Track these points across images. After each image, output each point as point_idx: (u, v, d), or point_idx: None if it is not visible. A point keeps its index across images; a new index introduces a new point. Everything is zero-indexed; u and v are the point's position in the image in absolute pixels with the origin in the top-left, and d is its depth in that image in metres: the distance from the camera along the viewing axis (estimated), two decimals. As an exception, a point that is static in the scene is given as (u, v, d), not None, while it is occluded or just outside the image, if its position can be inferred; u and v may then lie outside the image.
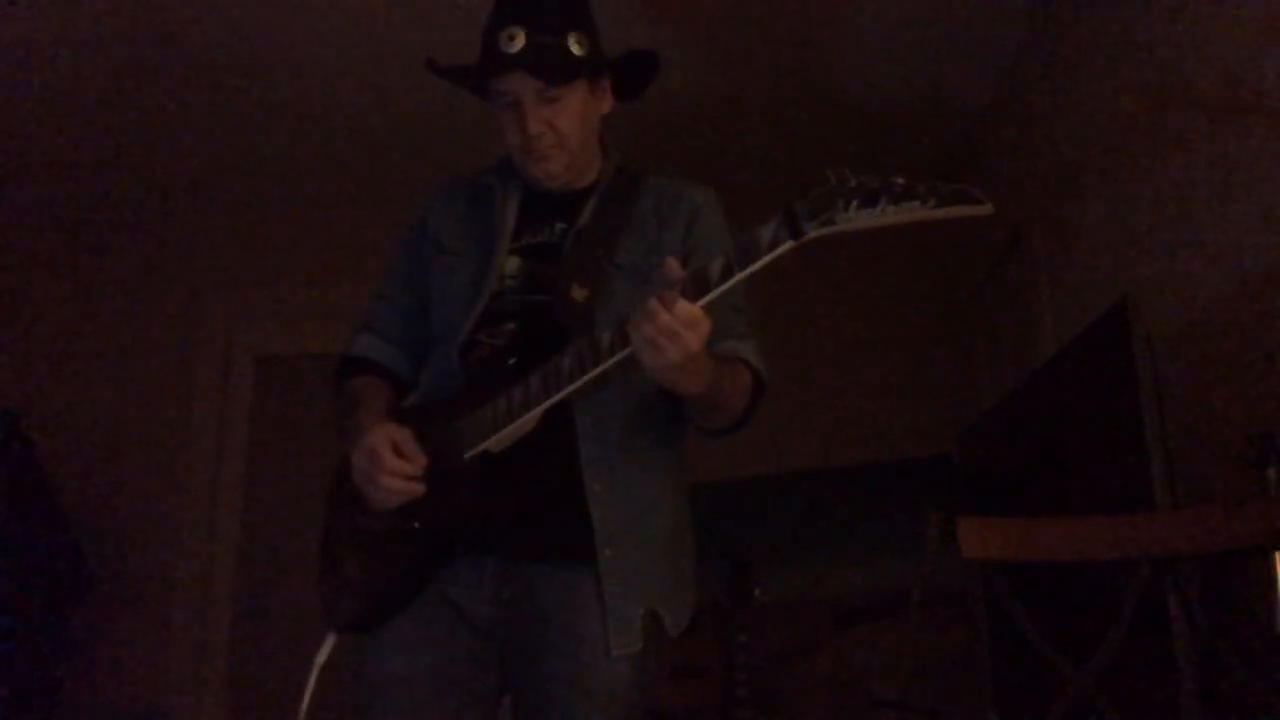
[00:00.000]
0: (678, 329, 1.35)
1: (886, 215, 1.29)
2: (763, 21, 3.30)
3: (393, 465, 1.53)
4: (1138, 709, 1.84)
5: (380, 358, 1.79)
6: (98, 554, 3.92)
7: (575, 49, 1.64)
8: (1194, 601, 1.83)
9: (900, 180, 1.29)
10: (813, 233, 1.31)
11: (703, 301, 1.37)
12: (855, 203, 1.29)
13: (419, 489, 1.55)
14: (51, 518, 3.72)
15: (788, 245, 1.33)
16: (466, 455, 1.54)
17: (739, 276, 1.36)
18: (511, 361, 1.57)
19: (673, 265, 1.38)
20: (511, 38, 1.60)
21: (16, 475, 3.64)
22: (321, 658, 1.68)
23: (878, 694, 3.09)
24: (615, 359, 1.44)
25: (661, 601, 1.61)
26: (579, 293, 1.60)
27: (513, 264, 1.69)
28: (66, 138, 3.89)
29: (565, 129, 1.65)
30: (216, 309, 4.47)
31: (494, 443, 1.55)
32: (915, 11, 3.24)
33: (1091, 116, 2.89)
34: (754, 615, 3.24)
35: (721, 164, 3.83)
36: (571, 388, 1.48)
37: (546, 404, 1.49)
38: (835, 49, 3.44)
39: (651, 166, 1.80)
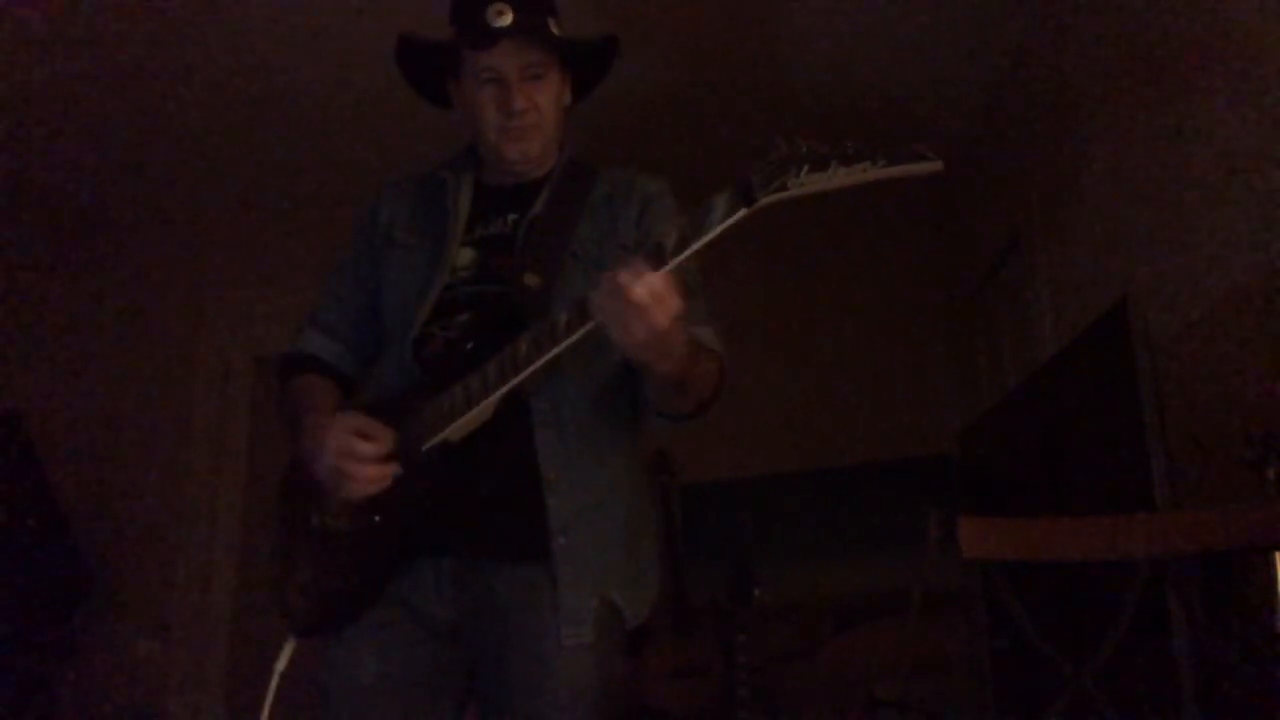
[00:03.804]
0: (645, 302, 1.33)
1: (838, 178, 1.28)
2: (752, 18, 3.30)
3: (364, 451, 1.52)
4: (1138, 709, 1.84)
5: (327, 355, 1.78)
6: (98, 554, 3.92)
7: (555, 30, 1.67)
8: (1194, 601, 1.83)
9: (850, 143, 1.29)
10: (765, 199, 1.30)
11: (660, 273, 1.36)
12: (806, 168, 1.29)
13: (395, 468, 1.53)
14: (51, 518, 3.72)
15: (741, 213, 1.32)
16: (425, 446, 1.53)
17: (694, 247, 1.35)
18: (469, 347, 1.56)
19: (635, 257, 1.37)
20: (500, 13, 1.62)
21: (16, 475, 3.63)
22: (281, 664, 1.67)
23: (878, 694, 3.08)
24: (572, 339, 1.42)
25: (618, 591, 1.59)
26: (533, 280, 1.60)
27: (466, 255, 1.68)
28: (66, 137, 3.89)
29: (545, 108, 1.67)
30: (216, 309, 4.47)
31: (452, 431, 1.53)
32: (914, 11, 3.24)
33: (1091, 116, 2.89)
34: (754, 615, 3.24)
35: (707, 169, 3.83)
36: (529, 370, 1.46)
37: (504, 389, 1.47)
38: (830, 48, 3.44)
39: (610, 161, 1.80)
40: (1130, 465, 2.09)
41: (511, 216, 1.70)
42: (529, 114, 1.66)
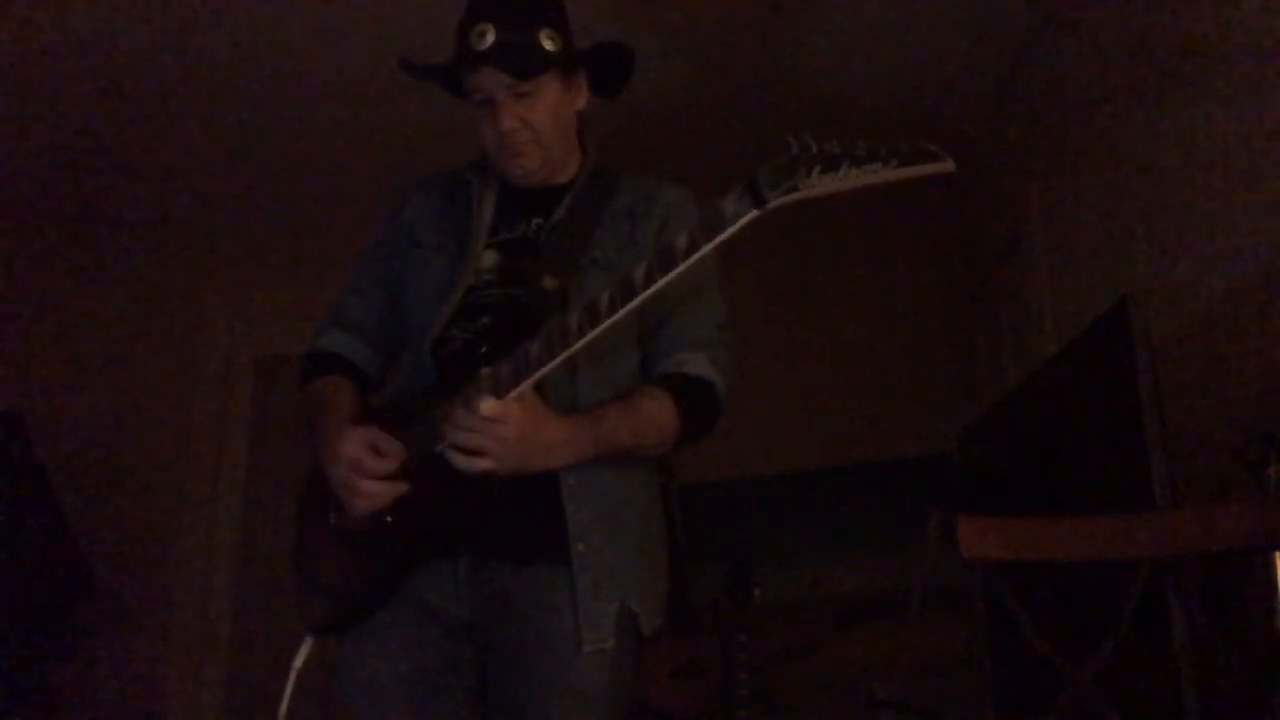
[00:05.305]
0: (489, 428, 1.41)
1: (849, 179, 1.28)
2: (752, 19, 3.30)
3: (375, 468, 1.53)
4: (1138, 709, 1.84)
5: (348, 354, 1.79)
6: (98, 554, 3.92)
7: (547, 44, 1.64)
8: (1194, 601, 1.83)
9: (862, 144, 1.28)
10: (775, 201, 1.30)
11: (669, 277, 1.37)
12: (818, 168, 1.28)
13: (403, 487, 1.54)
14: (51, 518, 3.72)
15: (751, 215, 1.32)
16: (438, 448, 1.52)
17: (705, 249, 1.35)
18: (483, 350, 1.56)
19: (483, 372, 1.46)
20: (482, 35, 1.61)
21: (17, 476, 3.63)
22: (299, 661, 1.68)
23: (878, 694, 3.08)
24: (584, 340, 1.42)
25: (635, 597, 1.60)
26: (551, 283, 1.60)
27: (489, 258, 1.68)
28: (66, 137, 3.89)
29: (538, 124, 1.65)
30: (216, 309, 4.47)
31: None
32: (914, 10, 3.24)
33: (1092, 116, 2.89)
34: (754, 615, 3.23)
35: (710, 167, 3.83)
36: (541, 372, 1.45)
37: (516, 391, 1.46)
38: (830, 47, 3.44)
39: (631, 165, 1.80)
40: (1130, 465, 2.09)
41: (536, 221, 1.70)
42: (519, 132, 1.64)
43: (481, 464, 1.45)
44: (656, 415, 1.60)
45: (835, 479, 3.94)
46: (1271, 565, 1.68)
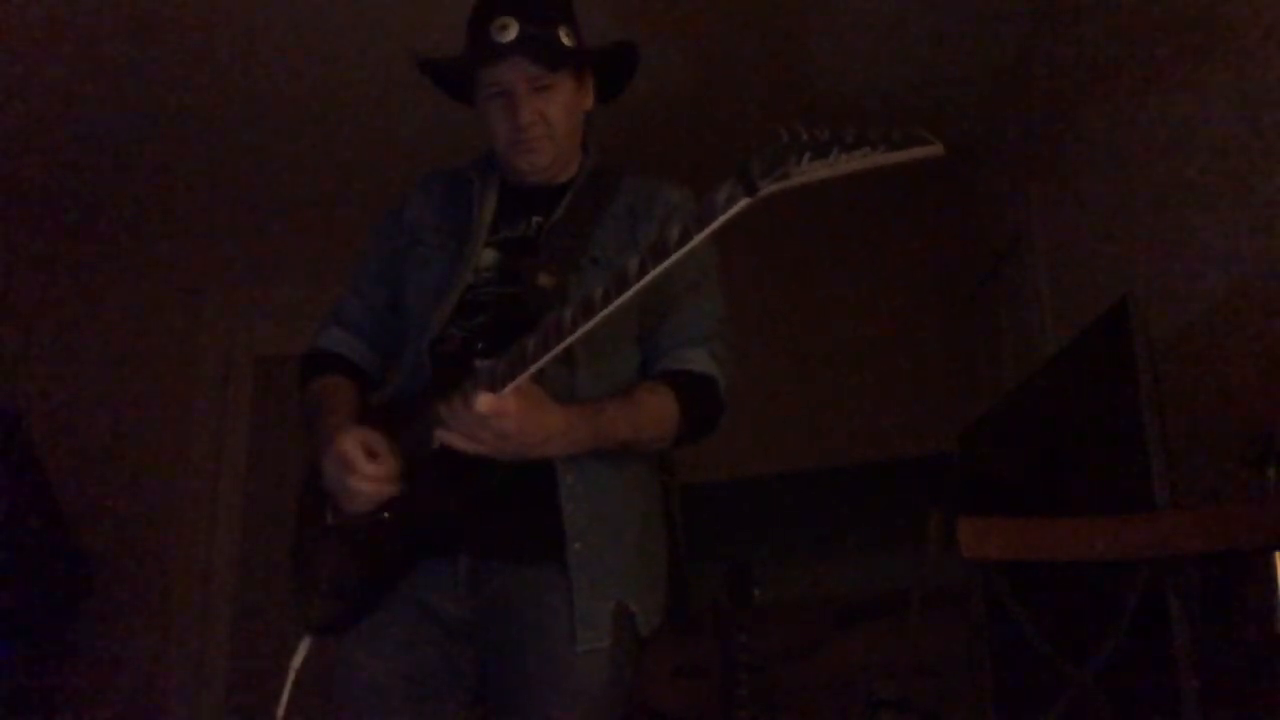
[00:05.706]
0: (486, 421, 1.41)
1: (840, 165, 1.28)
2: (754, 18, 3.30)
3: (365, 469, 1.53)
4: (1138, 709, 1.84)
5: (348, 353, 1.79)
6: (98, 554, 3.92)
7: (566, 40, 1.67)
8: (1194, 601, 1.83)
9: (851, 130, 1.29)
10: (767, 188, 1.30)
11: (662, 268, 1.37)
12: (808, 155, 1.28)
13: (392, 489, 1.55)
14: (51, 518, 3.71)
15: (743, 203, 1.32)
16: (436, 445, 1.52)
17: (697, 239, 1.35)
18: (480, 347, 1.56)
19: (480, 365, 1.45)
20: (504, 27, 1.61)
21: (16, 475, 3.63)
22: (297, 661, 1.68)
23: (878, 694, 3.08)
24: (579, 333, 1.42)
25: (632, 597, 1.60)
26: (548, 281, 1.60)
27: (489, 257, 1.69)
28: (66, 137, 3.88)
29: (554, 119, 1.66)
30: (216, 309, 4.47)
31: None
32: (914, 9, 3.25)
33: (1091, 116, 2.89)
34: (754, 615, 3.23)
35: (712, 167, 3.82)
36: (536, 365, 1.45)
37: (510, 386, 1.46)
38: (830, 47, 3.44)
39: (632, 165, 1.81)
40: (1130, 465, 2.09)
41: (536, 220, 1.70)
42: (536, 126, 1.65)
43: (479, 449, 1.47)
44: (656, 409, 1.60)
45: (835, 479, 3.93)
46: (1271, 565, 1.68)
